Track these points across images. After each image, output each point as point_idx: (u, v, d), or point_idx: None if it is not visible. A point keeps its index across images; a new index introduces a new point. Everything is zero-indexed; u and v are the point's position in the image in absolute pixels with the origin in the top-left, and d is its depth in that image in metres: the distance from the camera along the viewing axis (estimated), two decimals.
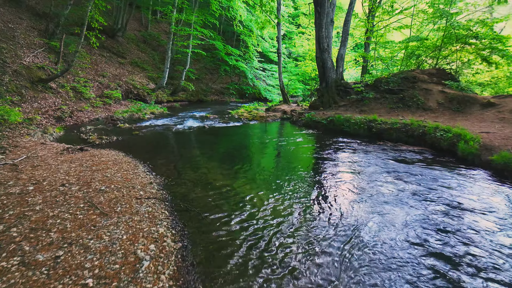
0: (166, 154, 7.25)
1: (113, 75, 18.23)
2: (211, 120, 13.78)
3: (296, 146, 8.52)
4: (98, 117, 13.47)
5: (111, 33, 20.87)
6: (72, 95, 13.82)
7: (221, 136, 9.85)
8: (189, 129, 10.78)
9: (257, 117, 13.32)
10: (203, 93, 24.09)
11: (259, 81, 26.73)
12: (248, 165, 6.56)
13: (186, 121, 13.24)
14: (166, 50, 19.05)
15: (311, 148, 8.27)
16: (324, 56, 12.86)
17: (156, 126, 11.33)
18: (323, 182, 5.53)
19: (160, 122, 12.85)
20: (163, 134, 9.85)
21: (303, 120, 12.02)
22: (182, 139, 9.11)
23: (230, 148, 8.31)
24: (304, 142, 9.16)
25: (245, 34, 23.91)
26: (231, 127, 11.53)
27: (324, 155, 7.50)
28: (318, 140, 9.28)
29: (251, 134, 10.29)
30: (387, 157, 7.20)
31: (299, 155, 7.60)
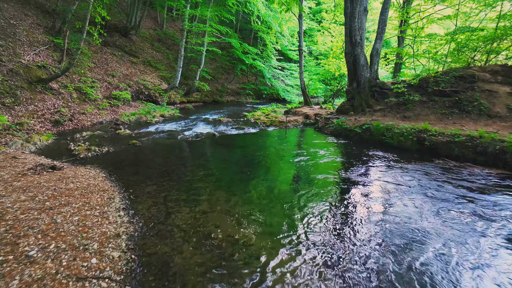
0: (159, 175, 5.45)
1: (124, 75, 16.85)
2: (224, 125, 11.95)
3: (326, 164, 6.48)
4: (102, 121, 12.02)
5: (124, 31, 19.56)
6: (76, 96, 12.46)
7: (233, 148, 7.96)
8: (196, 137, 8.98)
9: (276, 122, 11.34)
10: (218, 94, 22.40)
11: (277, 81, 24.68)
12: (266, 199, 4.61)
13: (196, 126, 11.48)
14: (179, 49, 17.45)
15: (346, 168, 6.19)
16: (356, 51, 10.66)
17: (160, 133, 9.63)
18: (372, 241, 3.50)
19: (167, 127, 11.18)
20: (164, 144, 8.11)
21: (330, 127, 9.91)
22: (184, 153, 7.30)
23: (242, 166, 6.39)
24: (335, 156, 7.09)
25: (263, 31, 21.92)
26: (245, 135, 9.61)
27: (366, 179, 5.43)
28: (354, 155, 7.18)
29: (269, 146, 8.32)
30: (457, 186, 5.03)
31: (333, 179, 5.56)
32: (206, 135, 9.30)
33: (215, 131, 10.20)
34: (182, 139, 8.79)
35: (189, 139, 8.76)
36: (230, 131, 10.21)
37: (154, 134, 9.51)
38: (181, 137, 9.07)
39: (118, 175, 5.36)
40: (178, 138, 8.90)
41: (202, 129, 10.93)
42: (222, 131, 10.20)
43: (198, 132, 9.96)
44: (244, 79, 25.61)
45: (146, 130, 10.49)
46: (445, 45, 12.40)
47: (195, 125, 11.76)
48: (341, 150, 7.79)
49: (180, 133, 9.77)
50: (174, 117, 14.43)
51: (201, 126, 11.68)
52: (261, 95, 24.43)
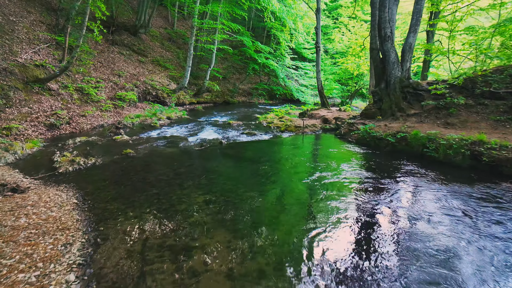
0: (146, 201, 4.17)
1: (131, 74, 15.84)
2: (234, 130, 10.62)
3: (355, 185, 5.02)
4: (103, 124, 10.95)
5: (133, 30, 18.58)
6: (77, 97, 11.45)
7: (242, 161, 6.57)
8: (201, 145, 7.66)
9: (292, 127, 9.90)
10: (230, 94, 21.13)
11: (291, 81, 23.16)
12: (283, 245, 3.23)
13: (202, 131, 10.21)
14: (188, 47, 16.26)
15: (380, 190, 4.70)
16: (386, 46, 9.06)
17: (161, 139, 8.40)
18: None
19: (171, 132, 9.97)
20: (162, 154, 6.84)
21: (355, 134, 8.39)
22: (184, 167, 5.99)
23: (252, 188, 5.02)
24: (365, 172, 5.60)
25: (277, 29, 20.46)
26: (256, 144, 8.23)
27: (410, 210, 3.94)
28: (388, 172, 5.67)
29: (284, 158, 6.88)
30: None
31: (367, 209, 4.10)
32: (212, 143, 7.98)
33: (223, 137, 8.88)
34: (185, 147, 7.51)
35: (192, 148, 7.47)
36: (239, 137, 8.86)
37: (154, 140, 8.28)
38: (184, 144, 7.79)
39: (93, 200, 4.11)
40: (180, 146, 7.62)
41: (209, 134, 9.64)
42: (231, 137, 8.87)
43: (204, 138, 8.67)
44: (256, 79, 24.24)
45: (147, 135, 9.30)
46: (484, 40, 10.59)
47: (202, 130, 10.50)
48: (371, 165, 6.28)
49: (183, 139, 8.51)
50: (181, 120, 13.24)
51: (208, 130, 10.40)
52: (273, 96, 22.99)
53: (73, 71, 12.60)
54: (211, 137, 8.97)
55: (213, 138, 8.69)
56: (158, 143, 7.96)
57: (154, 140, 8.27)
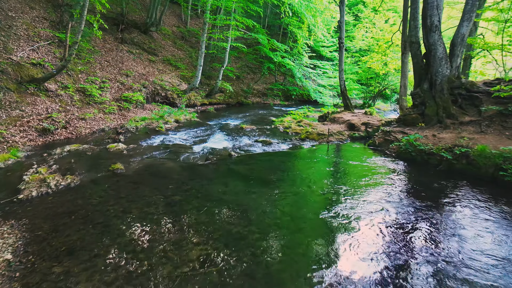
0: (110, 263, 2.75)
1: (140, 74, 14.70)
2: (246, 136, 9.14)
3: (408, 228, 3.40)
4: (105, 128, 9.78)
5: (144, 28, 17.47)
6: (78, 98, 10.35)
7: (254, 185, 4.97)
8: (206, 158, 6.19)
9: (314, 135, 8.27)
10: (243, 95, 19.69)
11: (308, 81, 21.40)
12: None
13: (211, 138, 8.79)
14: (200, 45, 14.92)
15: (448, 240, 3.08)
16: (433, 39, 7.25)
17: (161, 149, 7.02)
18: None
19: (175, 139, 8.62)
20: (157, 172, 5.43)
21: (395, 146, 6.67)
22: (179, 193, 4.50)
23: (267, 231, 3.50)
24: (419, 206, 3.97)
25: (294, 25, 18.78)
26: (273, 157, 6.63)
27: None
28: (450, 205, 4.00)
29: (307, 180, 5.18)
30: None
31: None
32: (220, 155, 6.51)
33: (234, 146, 7.40)
34: (187, 161, 6.08)
35: (196, 162, 6.03)
36: (253, 147, 7.34)
37: (154, 150, 6.92)
38: (187, 157, 6.37)
39: (38, 255, 2.74)
40: (181, 159, 6.20)
41: (218, 142, 8.20)
42: (243, 147, 7.36)
43: (211, 148, 7.23)
44: (271, 79, 22.65)
45: (147, 143, 7.98)
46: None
47: (211, 136, 9.08)
48: (422, 191, 4.60)
49: (188, 149, 7.10)
50: (190, 123, 11.91)
51: (218, 137, 8.98)
52: (289, 96, 21.33)
53: (76, 71, 11.54)
54: (219, 146, 7.52)
55: (222, 148, 7.23)
56: (157, 153, 6.58)
57: (153, 150, 6.91)
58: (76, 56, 12.21)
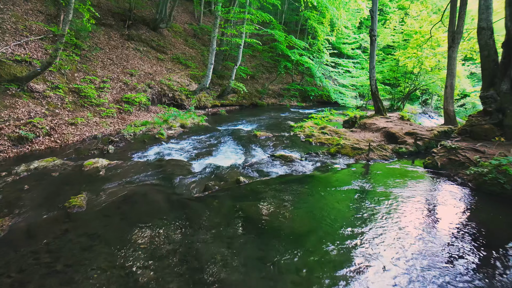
0: None
1: (146, 73, 13.14)
2: (261, 147, 7.26)
3: None
4: (97, 134, 8.20)
5: (153, 24, 15.94)
6: (70, 100, 8.85)
7: (272, 244, 2.92)
8: (205, 187, 4.33)
9: (347, 149, 6.20)
10: (258, 96, 17.80)
11: (328, 81, 19.19)
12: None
13: (217, 150, 6.97)
14: (211, 41, 13.16)
15: None
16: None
17: (151, 168, 5.26)
18: None
19: (175, 150, 6.88)
20: (129, 213, 3.59)
21: (474, 173, 4.54)
22: (153, 261, 2.71)
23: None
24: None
25: (314, 20, 16.63)
26: (296, 186, 4.52)
27: None
28: None
29: (356, 237, 3.28)
30: None
31: None
32: (225, 180, 4.65)
33: (244, 165, 5.51)
34: (178, 192, 4.24)
35: (190, 193, 4.21)
36: (268, 166, 5.42)
37: (141, 170, 5.16)
38: (180, 183, 4.54)
39: None
40: (173, 186, 4.40)
41: (225, 156, 6.37)
42: (256, 166, 5.45)
43: (215, 166, 5.40)
44: (287, 78, 20.61)
45: (139, 156, 6.28)
46: None
47: (217, 147, 7.27)
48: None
49: (185, 169, 5.30)
50: (196, 129, 10.18)
51: (225, 148, 7.15)
52: (307, 97, 19.22)
53: (72, 69, 10.08)
54: (226, 163, 5.68)
55: (229, 166, 5.39)
56: (144, 176, 4.82)
57: (141, 169, 5.16)
58: (74, 53, 10.79)
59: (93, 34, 12.81)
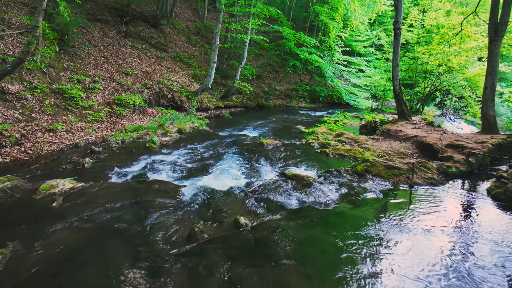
0: None
1: (143, 72, 11.86)
2: (267, 161, 5.85)
3: None
4: (79, 143, 6.91)
5: (153, 21, 14.64)
6: (51, 102, 7.59)
7: None
8: (189, 235, 2.96)
9: (379, 168, 4.70)
10: (264, 97, 16.35)
11: (339, 80, 17.60)
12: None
13: (215, 165, 5.58)
14: (213, 38, 11.77)
15: None
16: None
17: (129, 192, 3.92)
18: None
19: (164, 165, 5.53)
20: (72, 282, 2.30)
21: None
22: None
23: None
24: None
25: (325, 15, 15.06)
26: (318, 229, 3.11)
27: None
28: None
29: None
30: None
31: None
32: (219, 221, 3.21)
33: (246, 189, 4.10)
34: (151, 239, 2.87)
35: (166, 245, 2.82)
36: (278, 193, 3.98)
37: (111, 196, 3.81)
38: (156, 222, 3.17)
39: None
40: (147, 226, 3.03)
41: (223, 175, 4.96)
42: (261, 191, 4.02)
43: (210, 190, 4.01)
44: (295, 78, 19.09)
45: (117, 174, 4.95)
46: None
47: (216, 160, 5.89)
48: None
49: (170, 194, 3.92)
50: (195, 135, 8.82)
51: (225, 163, 5.76)
52: (316, 98, 17.67)
53: (58, 67, 8.84)
54: (224, 186, 4.29)
55: (227, 193, 3.98)
56: (110, 211, 3.45)
57: (110, 199, 3.80)
58: (63, 50, 9.54)
59: (87, 30, 11.57)
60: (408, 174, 4.29)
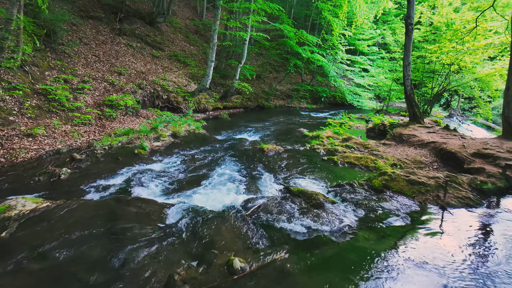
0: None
1: (137, 72, 11.12)
2: (268, 172, 5.12)
3: None
4: (61, 148, 6.18)
5: (149, 18, 13.88)
6: (32, 104, 6.85)
7: None
8: (167, 281, 2.27)
9: (400, 183, 3.93)
10: (265, 97, 15.60)
11: (343, 80, 16.83)
12: None
13: (209, 176, 4.85)
14: (211, 35, 11.00)
15: None
16: None
17: (97, 217, 3.20)
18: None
19: (152, 175, 4.80)
20: None
21: None
22: None
23: None
24: None
25: (328, 11, 14.27)
26: (334, 273, 2.46)
27: None
28: None
29: None
30: None
31: None
32: (209, 262, 2.51)
33: (244, 219, 3.34)
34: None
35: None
36: (282, 217, 3.24)
37: (80, 221, 3.08)
38: (128, 258, 2.47)
39: None
40: (114, 267, 2.32)
41: (218, 190, 4.23)
42: (262, 216, 3.27)
43: (200, 211, 3.30)
44: (297, 78, 18.33)
45: (93, 189, 4.22)
46: None
47: (210, 171, 5.15)
48: None
49: (151, 217, 3.19)
50: (191, 139, 8.08)
51: (221, 174, 5.01)
52: (318, 99, 16.91)
53: (43, 66, 8.11)
54: (218, 205, 3.56)
55: (220, 215, 3.25)
56: (75, 243, 2.73)
57: (79, 225, 3.06)
58: (49, 47, 8.81)
59: (78, 27, 10.84)
60: (437, 192, 3.55)
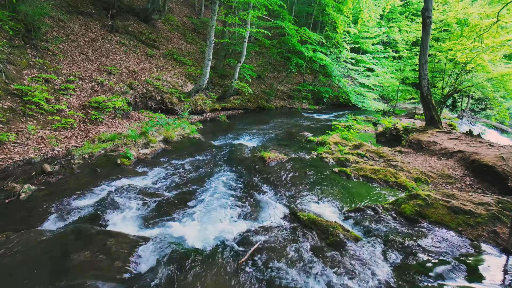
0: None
1: (129, 71, 10.24)
2: (269, 186, 4.24)
3: None
4: (33, 158, 5.32)
5: (144, 15, 12.98)
6: (3, 107, 5.99)
7: None
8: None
9: (439, 211, 3.05)
10: (265, 98, 14.71)
11: (347, 80, 15.91)
12: None
13: (200, 194, 3.98)
14: (208, 32, 10.09)
15: None
16: None
17: (50, 258, 2.34)
18: None
19: (131, 194, 3.92)
20: None
21: None
22: None
23: None
24: None
25: (332, 7, 13.35)
26: None
27: None
28: None
29: None
30: None
31: None
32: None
33: (239, 268, 2.51)
34: None
35: None
36: (290, 264, 2.42)
37: (12, 276, 2.24)
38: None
39: None
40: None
41: (209, 215, 3.35)
42: (264, 260, 2.45)
43: (183, 249, 2.45)
44: (298, 78, 17.42)
45: (54, 216, 3.34)
46: None
47: (202, 187, 4.28)
48: None
49: (117, 262, 2.34)
50: (184, 145, 7.20)
51: (214, 192, 4.13)
52: (320, 99, 16.00)
53: (21, 64, 7.23)
54: (207, 240, 2.69)
55: (209, 253, 2.38)
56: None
57: (12, 278, 2.21)
58: (29, 44, 7.92)
59: (65, 23, 9.96)
60: (493, 226, 2.67)
